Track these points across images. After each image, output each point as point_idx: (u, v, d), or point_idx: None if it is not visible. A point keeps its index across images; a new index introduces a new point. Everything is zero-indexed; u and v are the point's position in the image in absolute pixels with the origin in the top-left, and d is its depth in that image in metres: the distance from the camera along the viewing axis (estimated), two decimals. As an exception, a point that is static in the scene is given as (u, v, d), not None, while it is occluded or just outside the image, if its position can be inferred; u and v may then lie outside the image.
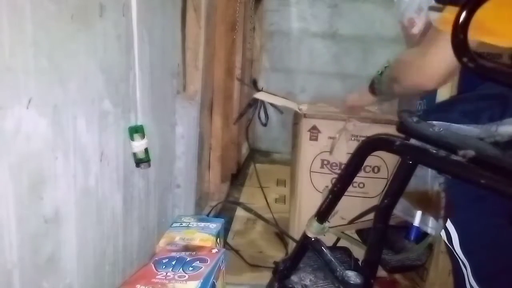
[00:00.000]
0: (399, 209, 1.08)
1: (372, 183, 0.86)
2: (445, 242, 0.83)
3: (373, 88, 1.12)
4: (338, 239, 1.17)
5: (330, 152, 1.30)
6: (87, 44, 0.69)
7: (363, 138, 1.30)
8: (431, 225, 1.12)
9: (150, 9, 0.95)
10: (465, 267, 0.79)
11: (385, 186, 1.29)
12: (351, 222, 1.23)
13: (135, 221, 0.99)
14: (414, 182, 1.10)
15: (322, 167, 1.33)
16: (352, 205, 1.26)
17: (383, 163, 1.31)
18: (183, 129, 1.28)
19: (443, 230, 0.83)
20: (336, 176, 1.30)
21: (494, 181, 0.52)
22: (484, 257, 0.77)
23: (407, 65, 0.90)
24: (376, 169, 1.31)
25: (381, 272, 1.20)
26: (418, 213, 1.14)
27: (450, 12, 0.71)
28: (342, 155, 1.30)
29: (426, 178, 1.13)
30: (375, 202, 1.30)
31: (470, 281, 0.78)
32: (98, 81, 0.74)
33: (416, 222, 1.13)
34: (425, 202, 1.14)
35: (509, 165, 0.52)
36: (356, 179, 0.87)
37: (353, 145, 1.29)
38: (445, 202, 0.88)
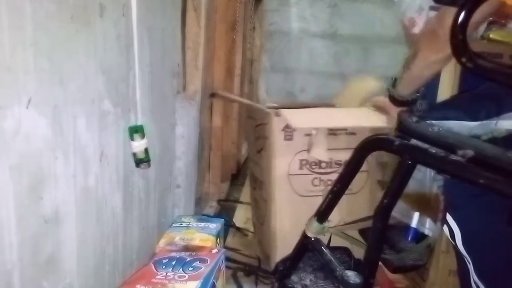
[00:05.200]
0: (397, 211, 1.08)
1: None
2: (449, 239, 0.83)
3: (393, 96, 1.08)
4: (330, 238, 1.15)
5: (308, 150, 1.21)
6: (87, 44, 0.69)
7: (341, 132, 1.23)
8: (428, 226, 1.12)
9: (150, 9, 0.95)
10: (469, 263, 0.80)
11: (366, 179, 1.27)
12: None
13: (135, 221, 0.99)
14: (413, 184, 1.11)
15: (301, 168, 1.22)
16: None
17: None
18: (183, 129, 1.28)
19: (446, 228, 0.83)
20: (317, 176, 1.24)
21: (493, 181, 0.53)
22: (485, 253, 0.78)
23: (425, 34, 0.96)
24: None
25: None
26: (416, 215, 1.14)
27: None
28: (322, 152, 1.21)
29: (425, 181, 1.13)
30: (357, 198, 1.25)
31: (474, 278, 0.78)
32: (98, 81, 0.74)
33: (414, 223, 1.14)
34: (424, 204, 1.14)
35: (508, 165, 0.52)
36: (336, 175, 0.86)
37: (332, 140, 1.23)
38: (444, 203, 0.89)
